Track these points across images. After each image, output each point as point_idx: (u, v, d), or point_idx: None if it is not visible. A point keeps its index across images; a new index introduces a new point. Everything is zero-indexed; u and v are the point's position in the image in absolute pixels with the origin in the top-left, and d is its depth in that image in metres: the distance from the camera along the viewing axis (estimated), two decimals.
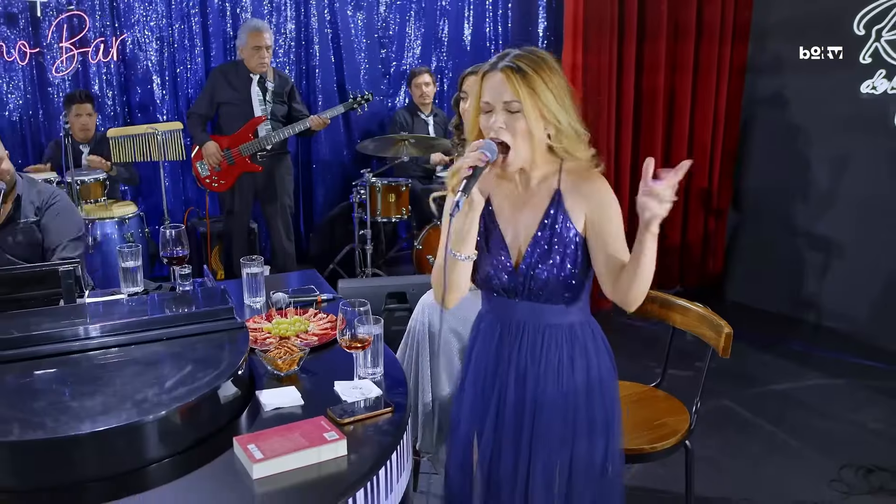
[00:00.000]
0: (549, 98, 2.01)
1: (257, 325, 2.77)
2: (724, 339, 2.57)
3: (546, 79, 2.01)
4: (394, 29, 6.75)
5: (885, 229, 5.24)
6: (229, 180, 5.42)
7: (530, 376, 2.19)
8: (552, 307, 2.16)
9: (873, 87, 5.12)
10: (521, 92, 1.99)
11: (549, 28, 6.74)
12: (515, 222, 2.18)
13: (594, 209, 2.10)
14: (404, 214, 5.75)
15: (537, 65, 2.02)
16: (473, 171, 1.98)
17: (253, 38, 5.31)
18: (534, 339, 2.19)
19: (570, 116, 2.05)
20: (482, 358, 2.30)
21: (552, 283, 2.11)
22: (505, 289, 2.18)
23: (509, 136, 2.02)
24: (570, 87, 2.08)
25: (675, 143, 6.00)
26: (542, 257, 2.10)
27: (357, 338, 2.27)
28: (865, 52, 5.12)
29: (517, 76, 1.99)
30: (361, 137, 6.45)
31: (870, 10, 5.08)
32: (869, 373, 4.85)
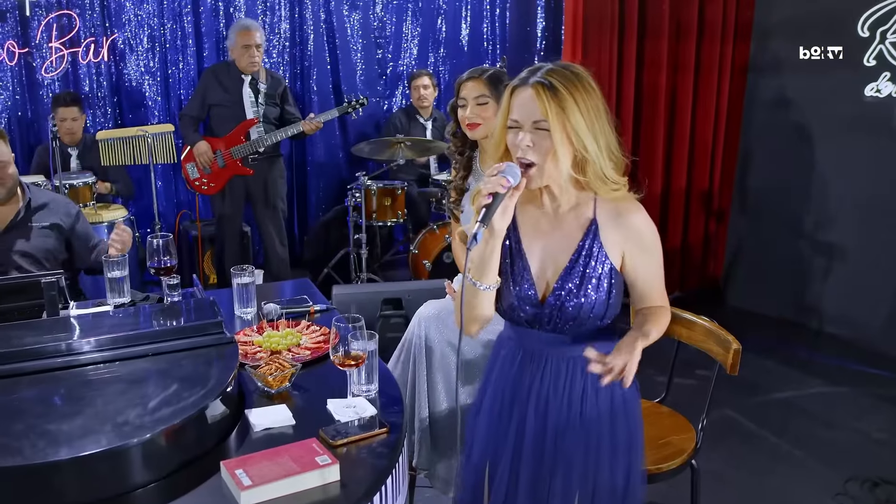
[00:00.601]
0: (578, 120, 1.86)
1: (248, 337, 2.68)
2: (731, 355, 2.48)
3: (579, 98, 1.86)
4: (390, 29, 6.65)
5: (888, 233, 5.17)
6: (219, 183, 5.32)
7: (552, 406, 2.07)
8: (580, 338, 2.03)
9: (877, 90, 5.04)
10: (549, 111, 1.84)
11: (548, 28, 6.66)
12: (543, 252, 2.04)
13: (633, 247, 1.99)
14: (400, 218, 5.66)
15: (570, 82, 1.88)
16: (493, 197, 1.85)
17: (242, 37, 5.21)
18: (557, 369, 2.06)
19: (601, 144, 1.89)
20: (501, 384, 2.17)
21: (582, 317, 1.98)
22: (529, 321, 2.05)
23: (537, 156, 1.89)
24: (607, 109, 1.93)
25: (676, 145, 5.93)
26: (573, 292, 1.97)
27: (351, 355, 2.19)
28: (870, 55, 5.04)
29: (548, 93, 1.85)
30: (357, 139, 6.36)
31: (874, 11, 5.00)
32: (872, 380, 4.78)
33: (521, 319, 2.05)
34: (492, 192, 1.84)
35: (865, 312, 5.34)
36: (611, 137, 1.92)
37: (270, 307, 2.89)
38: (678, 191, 5.96)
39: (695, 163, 5.99)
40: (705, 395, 2.74)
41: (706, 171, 6.01)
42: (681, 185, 5.93)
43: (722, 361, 2.55)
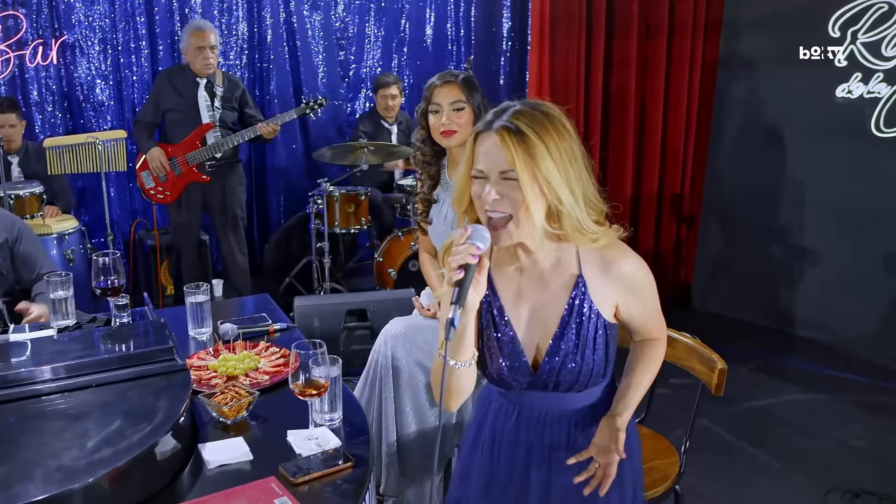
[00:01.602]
0: (549, 168, 1.65)
1: (202, 361, 2.51)
2: (717, 375, 2.34)
3: (550, 143, 1.66)
4: (352, 30, 6.47)
5: (861, 236, 5.12)
6: (175, 191, 5.11)
7: (556, 465, 1.92)
8: (577, 394, 1.89)
9: (849, 91, 4.98)
10: (517, 159, 1.64)
11: (514, 28, 6.53)
12: (530, 317, 1.85)
13: (626, 295, 1.84)
14: (364, 225, 5.48)
15: (540, 125, 1.67)
16: (465, 270, 1.64)
17: (195, 38, 5.00)
18: (559, 427, 1.92)
19: (577, 192, 1.70)
20: (497, 443, 2.00)
21: (582, 378, 1.84)
22: (523, 388, 1.89)
23: (508, 206, 1.68)
24: (583, 152, 1.74)
25: (646, 148, 5.85)
26: (569, 356, 1.81)
27: (312, 383, 2.03)
28: (841, 55, 4.98)
29: (514, 139, 1.65)
30: (319, 144, 6.18)
31: (845, 11, 4.94)
32: (848, 386, 4.72)
33: (515, 387, 1.90)
34: (462, 264, 1.64)
35: (839, 317, 5.29)
36: (588, 184, 1.73)
37: (227, 327, 2.72)
38: (649, 196, 5.87)
39: (666, 167, 5.91)
40: (682, 407, 2.61)
41: (678, 175, 5.93)
42: (652, 189, 5.84)
43: (706, 381, 2.41)
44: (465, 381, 1.83)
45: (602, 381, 1.90)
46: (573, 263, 1.81)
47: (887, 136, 4.91)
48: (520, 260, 1.83)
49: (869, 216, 5.07)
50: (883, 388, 4.70)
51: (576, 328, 1.80)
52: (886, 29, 4.81)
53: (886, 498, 3.48)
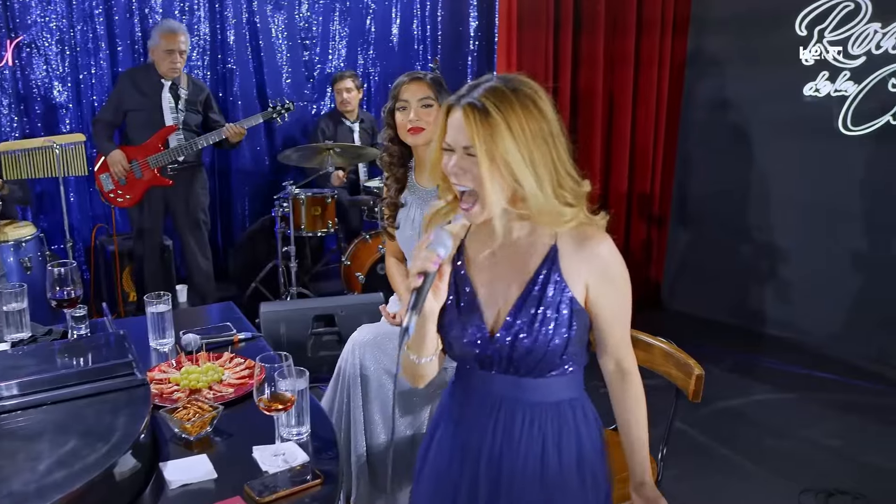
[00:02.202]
0: (509, 149, 1.60)
1: (164, 374, 2.42)
2: (694, 381, 2.29)
3: (514, 123, 1.60)
4: (317, 30, 6.37)
5: (829, 234, 5.15)
6: (136, 195, 4.98)
7: (506, 463, 1.79)
8: (535, 381, 1.77)
9: (816, 90, 4.99)
10: (476, 137, 1.59)
11: (481, 27, 6.46)
12: (494, 281, 1.78)
13: (597, 280, 1.73)
14: (331, 228, 5.38)
15: (507, 103, 1.61)
16: (424, 278, 1.61)
17: (166, 40, 4.88)
18: (511, 419, 1.79)
19: (542, 175, 1.63)
20: (447, 441, 1.90)
21: (537, 354, 1.71)
22: (478, 360, 1.79)
23: (470, 181, 1.65)
24: (559, 132, 1.66)
25: (615, 147, 5.82)
26: (528, 324, 1.70)
27: (278, 396, 1.95)
28: (808, 54, 4.98)
29: (477, 116, 1.60)
30: (284, 145, 6.08)
31: (812, 9, 4.94)
32: (819, 385, 4.73)
33: (470, 358, 1.79)
34: (421, 271, 1.61)
35: (809, 314, 5.31)
36: (560, 166, 1.65)
37: (189, 338, 2.64)
38: (618, 196, 5.84)
39: (635, 166, 5.88)
40: (656, 410, 2.55)
41: (647, 174, 5.90)
42: (621, 189, 5.81)
43: (682, 387, 2.36)
44: (430, 372, 1.82)
45: (562, 372, 1.76)
46: (550, 234, 1.74)
47: (855, 135, 4.92)
48: (496, 230, 1.75)
49: (837, 214, 5.09)
50: (853, 385, 4.72)
51: (538, 298, 1.71)
52: (853, 27, 4.83)
53: (861, 497, 3.47)
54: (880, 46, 4.74)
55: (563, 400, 1.80)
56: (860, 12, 4.78)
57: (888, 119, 4.77)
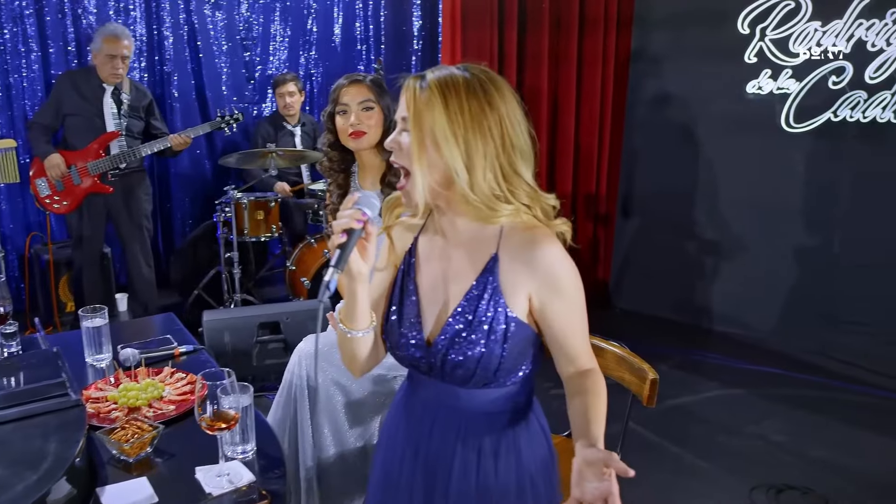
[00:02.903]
0: (440, 126, 1.56)
1: (101, 392, 2.32)
2: (648, 386, 2.26)
3: (453, 102, 1.56)
4: (257, 30, 6.25)
5: (772, 230, 5.20)
6: (74, 201, 4.81)
7: (441, 474, 1.73)
8: (471, 392, 1.70)
9: (759, 88, 5.03)
10: (409, 109, 1.59)
11: (425, 27, 6.41)
12: (437, 287, 1.72)
13: (541, 290, 1.63)
14: (275, 232, 5.26)
15: (453, 84, 1.59)
16: (348, 235, 1.56)
17: (108, 44, 4.70)
18: (447, 427, 1.73)
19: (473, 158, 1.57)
20: (391, 446, 1.85)
21: (468, 368, 1.64)
22: (415, 365, 1.74)
23: (405, 161, 1.62)
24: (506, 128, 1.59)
25: (560, 147, 5.80)
26: (459, 338, 1.64)
27: (221, 415, 1.87)
28: (750, 52, 5.02)
29: (417, 90, 1.58)
30: (224, 149, 5.95)
31: (753, 8, 4.99)
32: (765, 380, 4.78)
33: (406, 362, 1.76)
34: (345, 228, 1.56)
35: (753, 310, 5.37)
36: (508, 165, 1.59)
37: (128, 352, 2.53)
38: (563, 195, 5.75)
39: (579, 165, 5.87)
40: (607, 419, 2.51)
41: (592, 173, 5.90)
42: (566, 188, 5.79)
43: (636, 392, 2.34)
44: (363, 350, 1.74)
45: (500, 384, 1.69)
46: (493, 241, 1.66)
47: (797, 132, 4.98)
48: (444, 228, 1.72)
49: (780, 211, 5.14)
50: (798, 379, 4.76)
51: (473, 309, 1.64)
52: (794, 26, 4.88)
53: (810, 492, 3.50)
54: (820, 44, 4.80)
55: (503, 411, 1.73)
56: (800, 11, 4.83)
57: (829, 116, 4.83)
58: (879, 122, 4.66)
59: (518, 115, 1.63)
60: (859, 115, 4.72)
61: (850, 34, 4.68)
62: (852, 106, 4.73)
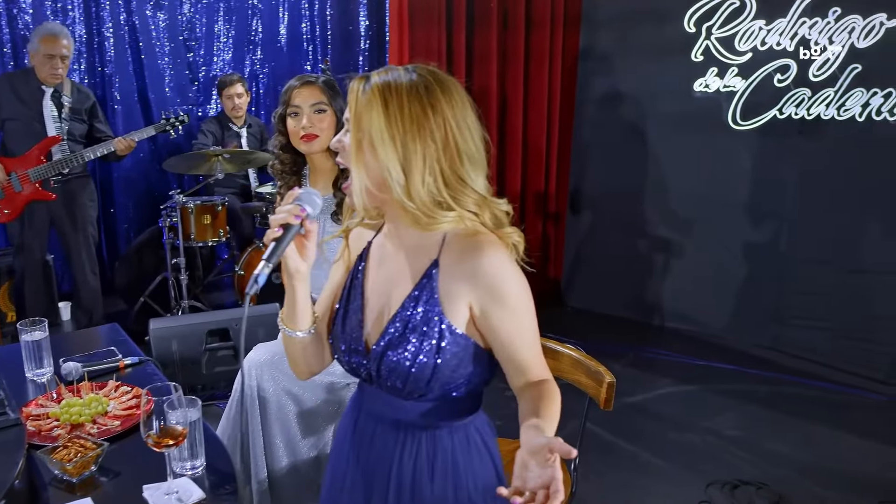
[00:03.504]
0: (378, 126, 1.51)
1: (42, 408, 2.23)
2: (605, 389, 2.25)
3: (393, 103, 1.51)
4: (201, 30, 6.13)
5: (722, 227, 5.25)
6: (15, 209, 4.64)
7: (377, 485, 1.69)
8: (410, 403, 1.65)
9: (706, 86, 5.07)
10: (351, 107, 1.55)
11: (371, 26, 6.35)
12: (381, 292, 1.67)
13: (482, 299, 1.56)
14: (222, 236, 5.13)
15: (395, 84, 1.53)
16: (284, 230, 1.52)
17: (46, 44, 4.55)
18: (386, 436, 1.69)
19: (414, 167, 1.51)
20: (338, 454, 1.82)
21: (400, 378, 1.59)
22: (356, 372, 1.70)
23: (346, 160, 1.60)
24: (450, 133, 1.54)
25: (508, 145, 5.79)
26: (394, 343, 1.59)
27: (168, 431, 1.80)
28: (697, 50, 5.06)
29: (359, 87, 1.55)
30: (168, 152, 5.82)
31: (699, 7, 5.02)
32: (718, 376, 4.81)
33: (347, 367, 1.72)
34: (282, 223, 1.53)
35: (704, 306, 5.41)
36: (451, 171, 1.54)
37: (70, 366, 2.44)
38: (512, 194, 5.81)
39: (528, 163, 5.87)
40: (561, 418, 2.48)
41: (541, 171, 5.90)
42: (515, 188, 5.79)
43: (593, 395, 2.32)
44: (306, 351, 1.74)
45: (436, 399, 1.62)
46: (436, 246, 1.61)
47: (743, 129, 5.02)
48: (390, 232, 1.69)
49: (728, 207, 5.19)
50: (750, 375, 4.81)
51: (409, 315, 1.59)
52: (739, 24, 4.92)
53: (763, 486, 3.51)
54: (765, 43, 4.84)
55: (440, 425, 1.67)
56: (745, 10, 4.88)
57: (774, 113, 4.88)
58: (823, 118, 4.72)
59: (468, 119, 1.57)
60: (804, 113, 4.77)
61: (794, 32, 4.73)
62: (797, 103, 4.78)
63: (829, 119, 4.70)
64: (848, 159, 4.71)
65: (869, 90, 4.53)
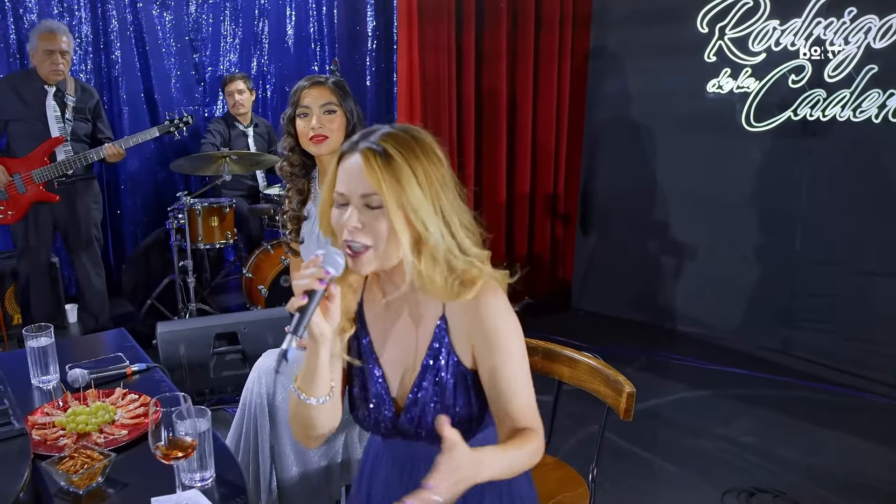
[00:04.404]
0: (416, 195, 1.50)
1: (48, 417, 2.18)
2: (625, 399, 2.18)
3: (418, 168, 1.51)
4: (207, 30, 6.09)
5: (733, 229, 5.20)
6: (19, 211, 4.60)
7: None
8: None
9: (719, 87, 5.01)
10: (383, 184, 1.49)
11: (379, 27, 6.29)
12: (393, 358, 1.67)
13: (480, 342, 1.60)
14: (230, 238, 5.09)
15: (409, 149, 1.52)
16: (309, 297, 1.47)
17: (44, 40, 4.51)
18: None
19: (452, 221, 1.55)
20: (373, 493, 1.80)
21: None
22: (389, 435, 1.70)
23: (370, 239, 1.52)
24: (456, 180, 1.59)
25: (518, 147, 5.76)
26: (427, 405, 1.62)
27: (177, 443, 1.75)
28: (710, 51, 5.00)
29: (380, 161, 1.50)
30: (176, 153, 5.77)
31: (712, 7, 4.96)
32: (729, 380, 4.75)
33: (381, 433, 1.71)
34: (307, 289, 1.47)
35: (715, 309, 5.35)
36: (462, 211, 1.59)
37: (76, 373, 2.40)
38: (522, 196, 5.78)
39: (538, 164, 5.83)
40: (577, 426, 2.44)
41: (550, 173, 5.85)
42: (524, 189, 5.74)
43: (612, 405, 2.26)
44: (324, 419, 1.65)
45: (474, 434, 1.68)
46: (439, 303, 1.63)
47: (757, 131, 4.96)
48: (386, 295, 1.67)
49: (741, 209, 5.13)
50: (761, 379, 4.75)
51: (433, 377, 1.62)
52: (752, 24, 4.86)
53: (781, 495, 3.46)
54: (779, 43, 4.78)
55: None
56: (759, 10, 4.82)
57: (789, 115, 4.82)
58: (839, 120, 4.65)
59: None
60: (819, 114, 4.71)
61: (809, 33, 4.66)
62: (812, 105, 4.72)
63: (844, 121, 4.63)
64: (863, 161, 4.65)
65: (885, 91, 4.46)
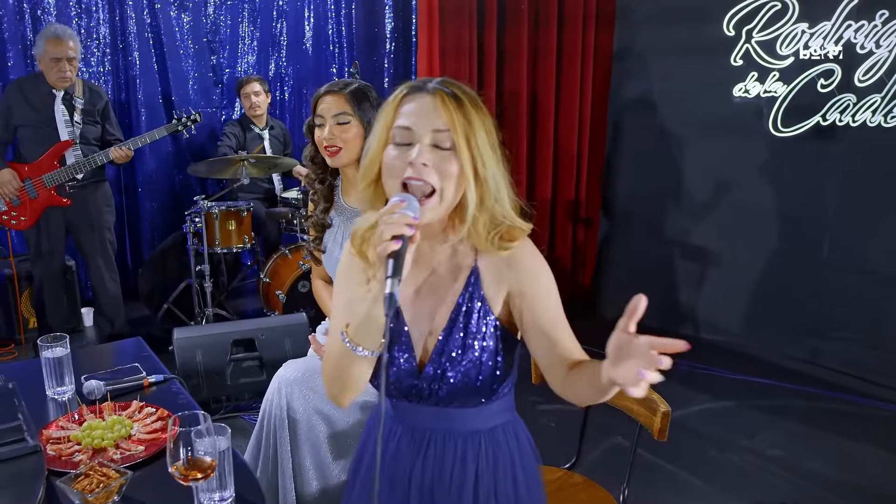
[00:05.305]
0: (483, 141, 1.50)
1: (63, 431, 2.11)
2: (660, 418, 2.11)
3: (484, 117, 1.53)
4: (225, 31, 6.04)
5: (758, 236, 5.11)
6: (32, 216, 4.55)
7: (439, 497, 1.66)
8: (466, 411, 1.65)
9: (746, 91, 4.92)
10: (456, 122, 1.47)
11: (398, 28, 6.22)
12: (420, 309, 1.63)
13: (517, 280, 1.59)
14: (247, 242, 5.01)
15: (474, 99, 1.54)
16: (402, 241, 1.41)
17: (51, 47, 4.43)
18: (443, 450, 1.67)
19: (501, 175, 1.55)
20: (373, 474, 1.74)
21: (468, 387, 1.59)
22: (406, 394, 1.64)
23: (437, 178, 1.48)
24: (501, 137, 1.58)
25: (539, 148, 5.66)
26: (455, 359, 1.57)
27: (196, 463, 1.69)
28: (736, 54, 4.90)
29: (454, 104, 1.48)
30: (192, 155, 5.72)
31: (739, 9, 4.87)
32: (754, 390, 4.67)
33: (396, 393, 1.65)
34: (397, 234, 1.40)
35: (740, 317, 5.28)
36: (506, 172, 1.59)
37: (92, 385, 2.34)
38: (543, 199, 5.69)
39: (559, 167, 5.74)
40: (602, 436, 2.37)
41: (572, 175, 5.77)
42: (545, 192, 5.66)
43: (646, 424, 2.18)
44: (364, 375, 1.61)
45: (494, 400, 1.65)
46: (470, 253, 1.63)
47: (784, 136, 4.86)
48: (419, 247, 1.58)
49: (767, 215, 5.04)
50: (786, 389, 4.66)
51: (463, 326, 1.58)
52: (780, 28, 4.76)
53: None
54: (808, 47, 4.68)
55: (497, 426, 1.71)
56: (787, 12, 4.72)
57: (818, 120, 4.72)
58: (869, 125, 4.55)
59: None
60: (849, 119, 4.61)
61: (839, 36, 4.56)
62: (841, 109, 4.62)
63: (875, 126, 4.53)
64: (894, 168, 4.55)
65: None
